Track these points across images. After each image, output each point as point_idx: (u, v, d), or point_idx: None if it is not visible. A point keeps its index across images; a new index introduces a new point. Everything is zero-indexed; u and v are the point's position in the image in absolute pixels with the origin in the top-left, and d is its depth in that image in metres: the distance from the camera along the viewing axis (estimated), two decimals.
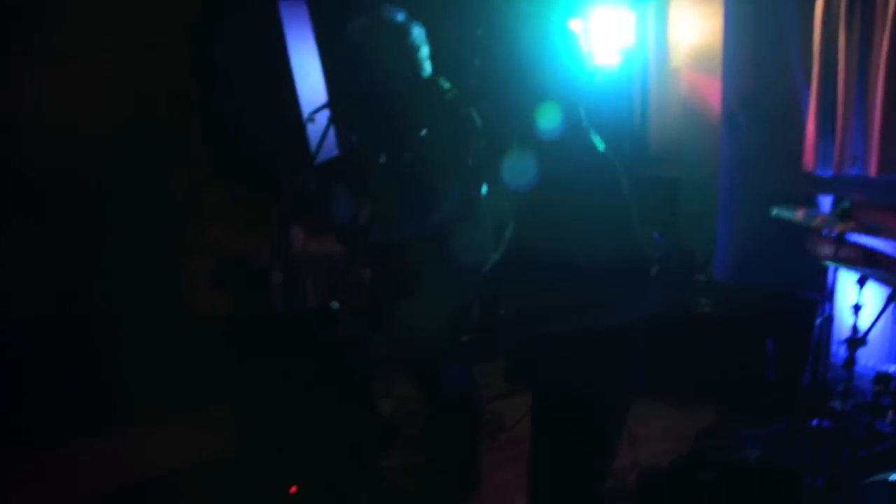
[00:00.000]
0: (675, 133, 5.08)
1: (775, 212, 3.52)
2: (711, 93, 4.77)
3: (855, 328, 3.42)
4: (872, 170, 4.05)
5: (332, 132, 3.24)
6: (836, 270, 3.80)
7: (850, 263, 3.30)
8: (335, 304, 2.16)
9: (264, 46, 3.75)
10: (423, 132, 2.91)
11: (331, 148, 3.39)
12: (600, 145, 2.17)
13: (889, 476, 2.71)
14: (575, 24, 4.68)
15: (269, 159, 3.66)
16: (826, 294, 4.10)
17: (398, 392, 4.20)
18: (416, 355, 3.09)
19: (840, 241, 3.26)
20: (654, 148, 5.32)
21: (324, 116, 3.17)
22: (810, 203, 4.34)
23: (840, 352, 3.65)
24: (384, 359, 3.24)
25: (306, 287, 3.28)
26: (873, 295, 3.60)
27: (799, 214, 3.42)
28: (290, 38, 3.61)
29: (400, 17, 2.99)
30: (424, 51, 3.04)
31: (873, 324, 3.32)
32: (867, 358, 3.75)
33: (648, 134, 5.36)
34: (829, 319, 3.94)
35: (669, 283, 4.61)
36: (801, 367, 4.14)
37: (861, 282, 3.32)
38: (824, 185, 4.36)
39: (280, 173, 3.52)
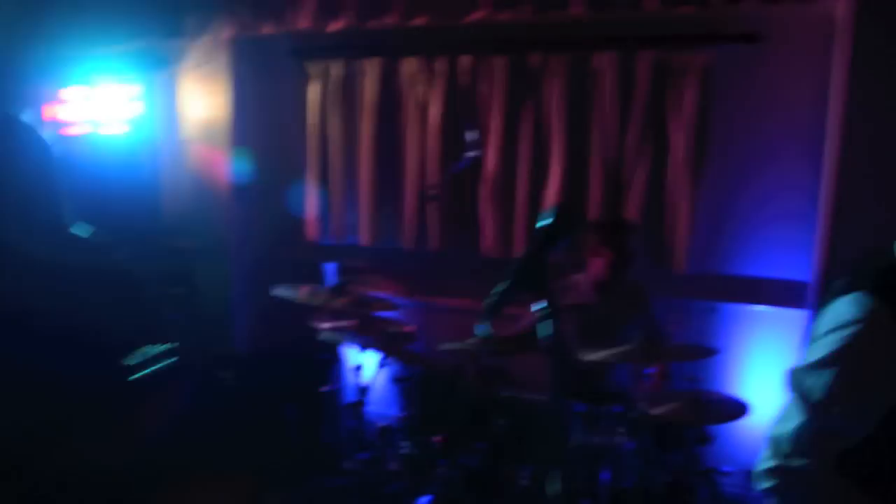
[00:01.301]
0: (188, 204, 5.04)
1: (277, 291, 3.66)
2: (222, 165, 4.84)
3: (359, 387, 3.75)
4: (365, 240, 4.53)
5: None
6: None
7: (348, 332, 3.60)
8: None
9: None
10: None
11: None
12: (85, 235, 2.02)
13: None
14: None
15: None
16: (336, 357, 4.42)
17: None
18: None
19: (337, 314, 3.55)
20: (167, 219, 5.20)
21: None
22: (318, 271, 4.67)
23: (350, 411, 3.95)
24: None
25: None
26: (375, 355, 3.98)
27: (300, 293, 3.61)
28: None
29: None
30: None
31: (369, 385, 3.67)
32: (376, 410, 4.11)
33: (161, 205, 5.22)
34: (340, 381, 4.25)
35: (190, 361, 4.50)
36: (323, 427, 4.37)
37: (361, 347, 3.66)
38: (328, 254, 4.73)
39: None
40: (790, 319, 3.74)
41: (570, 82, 4.03)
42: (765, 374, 3.79)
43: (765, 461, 1.64)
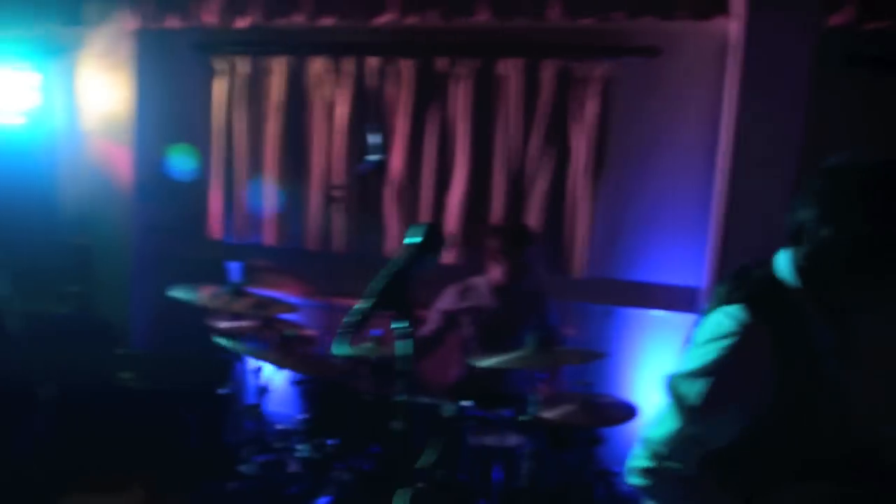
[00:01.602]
0: (87, 198, 4.88)
1: (176, 293, 3.58)
2: (123, 160, 4.71)
3: (259, 389, 3.71)
4: (269, 240, 4.48)
5: None
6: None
7: (247, 334, 3.55)
8: None
9: None
10: None
11: None
12: None
13: None
14: None
15: None
16: (236, 358, 4.35)
17: None
18: None
19: (237, 315, 3.50)
20: (65, 214, 5.03)
21: None
22: (221, 269, 4.59)
23: (249, 413, 3.90)
24: None
25: None
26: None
27: (200, 294, 3.54)
28: None
29: None
30: None
31: (269, 387, 3.63)
32: (276, 411, 4.06)
33: (59, 199, 5.04)
34: (240, 382, 4.18)
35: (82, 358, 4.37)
36: (221, 429, 4.30)
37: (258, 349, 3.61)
38: (231, 253, 4.65)
39: None
40: (683, 323, 3.86)
41: (476, 87, 4.07)
42: (658, 376, 3.91)
43: (639, 460, 1.70)
